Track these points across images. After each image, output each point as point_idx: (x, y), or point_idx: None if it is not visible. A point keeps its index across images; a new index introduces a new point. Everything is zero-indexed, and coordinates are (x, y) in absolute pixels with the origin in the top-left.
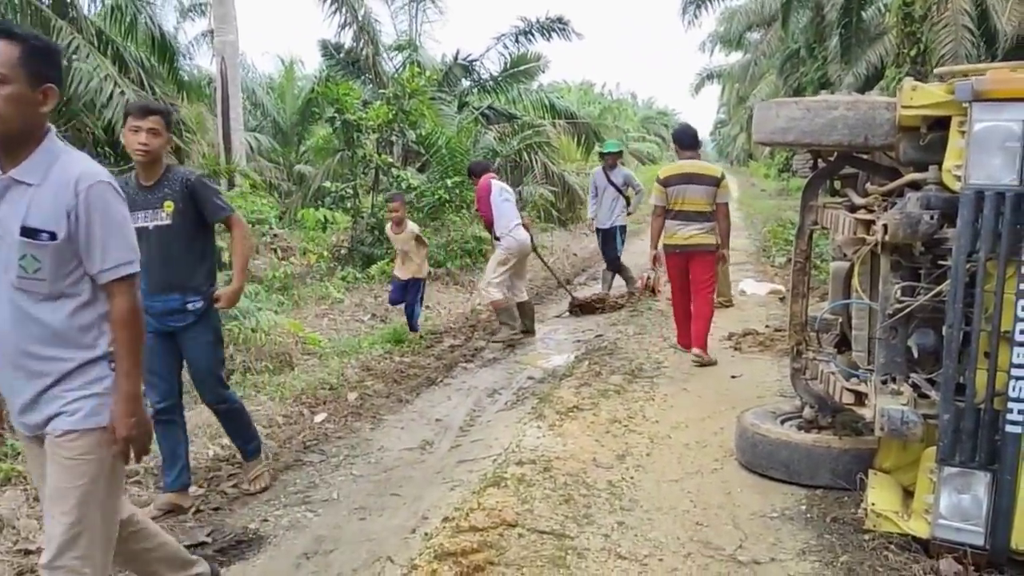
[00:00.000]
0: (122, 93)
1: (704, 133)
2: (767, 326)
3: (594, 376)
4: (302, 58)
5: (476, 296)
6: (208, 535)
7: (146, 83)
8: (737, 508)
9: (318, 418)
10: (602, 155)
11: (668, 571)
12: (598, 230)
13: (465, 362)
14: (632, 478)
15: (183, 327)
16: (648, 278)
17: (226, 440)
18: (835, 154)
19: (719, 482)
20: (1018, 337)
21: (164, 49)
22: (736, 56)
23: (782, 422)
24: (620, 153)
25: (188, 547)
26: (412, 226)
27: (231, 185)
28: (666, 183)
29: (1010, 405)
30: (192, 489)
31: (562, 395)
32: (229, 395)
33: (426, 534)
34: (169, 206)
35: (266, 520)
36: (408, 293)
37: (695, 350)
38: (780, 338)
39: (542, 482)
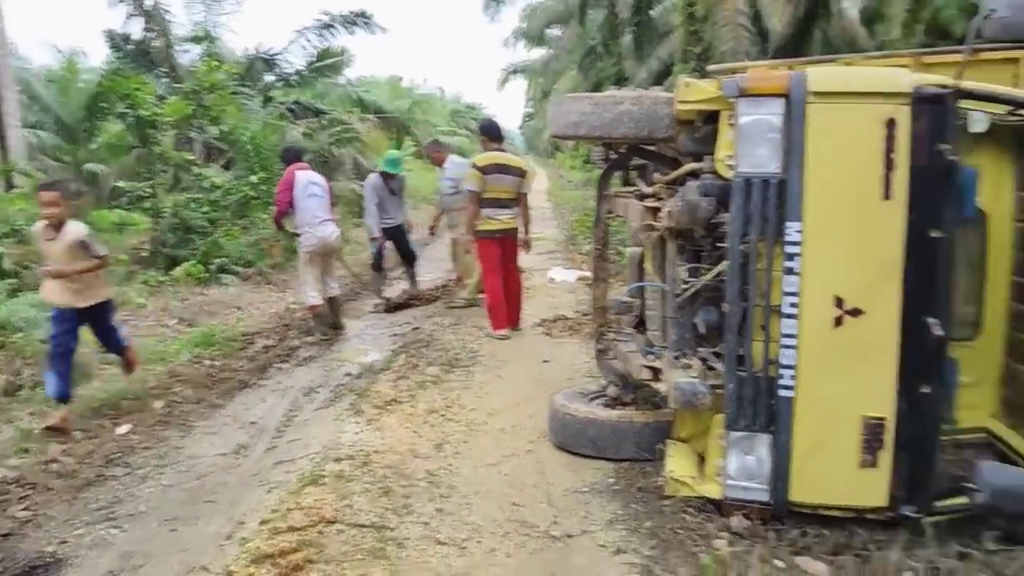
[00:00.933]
0: None
1: (513, 126)
2: (576, 311)
3: (411, 368)
4: (84, 49)
5: (290, 294)
6: None
7: None
8: (551, 486)
9: (121, 430)
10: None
11: (486, 552)
12: (385, 230)
13: (280, 362)
14: (450, 466)
15: None
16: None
17: (14, 460)
18: (624, 146)
19: (534, 463)
20: (786, 310)
21: None
22: (539, 52)
23: (590, 401)
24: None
25: None
26: (76, 228)
27: (9, 186)
28: (484, 171)
29: (781, 371)
30: None
31: (380, 389)
32: None
33: (243, 539)
34: None
35: (65, 542)
36: (96, 325)
37: (505, 331)
38: (588, 322)
39: (361, 477)
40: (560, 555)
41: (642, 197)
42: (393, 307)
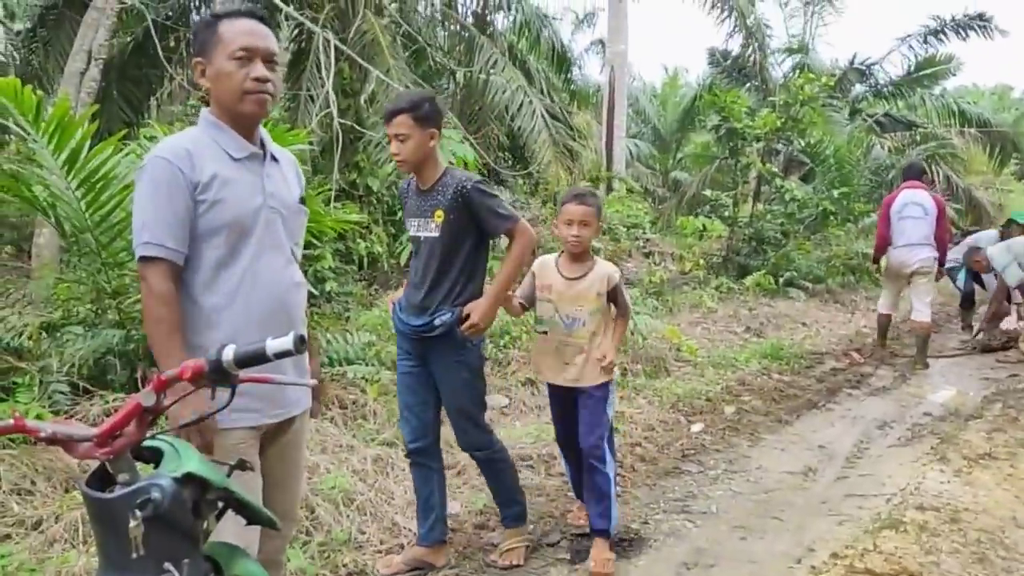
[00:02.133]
0: (531, 102)
1: None
2: None
3: (1010, 421)
4: (686, 67)
5: (860, 316)
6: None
7: (547, 93)
8: None
9: (695, 428)
10: (1010, 222)
11: None
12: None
13: (850, 388)
14: None
15: (432, 349)
16: None
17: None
18: None
19: None
20: None
21: (562, 61)
22: None
23: None
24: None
25: (575, 536)
26: (604, 267)
27: (609, 190)
28: None
29: None
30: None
31: (969, 438)
32: (488, 440)
33: (813, 567)
34: (439, 215)
35: (647, 523)
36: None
37: None
38: None
39: (949, 534)
40: None
41: None
42: (986, 348)
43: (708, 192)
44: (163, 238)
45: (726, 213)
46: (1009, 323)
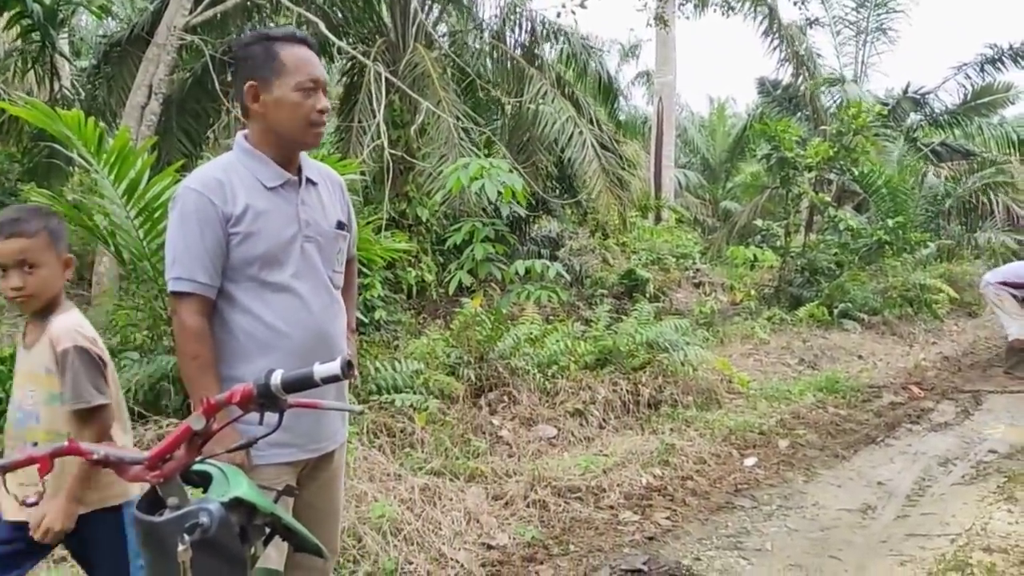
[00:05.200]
0: (580, 132)
1: None
2: None
3: None
4: (734, 96)
5: (919, 349)
6: (644, 563)
7: (595, 122)
8: None
9: (748, 462)
10: None
11: None
12: None
13: (910, 423)
14: None
15: None
16: None
17: (657, 470)
18: None
19: None
20: None
21: (608, 92)
22: None
23: None
24: None
25: (624, 571)
26: (62, 322)
27: (658, 219)
28: None
29: None
30: (627, 514)
31: None
32: None
33: None
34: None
35: (699, 559)
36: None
37: None
38: None
39: (1017, 575)
40: None
41: None
42: None
43: (759, 222)
44: (194, 272)
45: (778, 243)
46: None
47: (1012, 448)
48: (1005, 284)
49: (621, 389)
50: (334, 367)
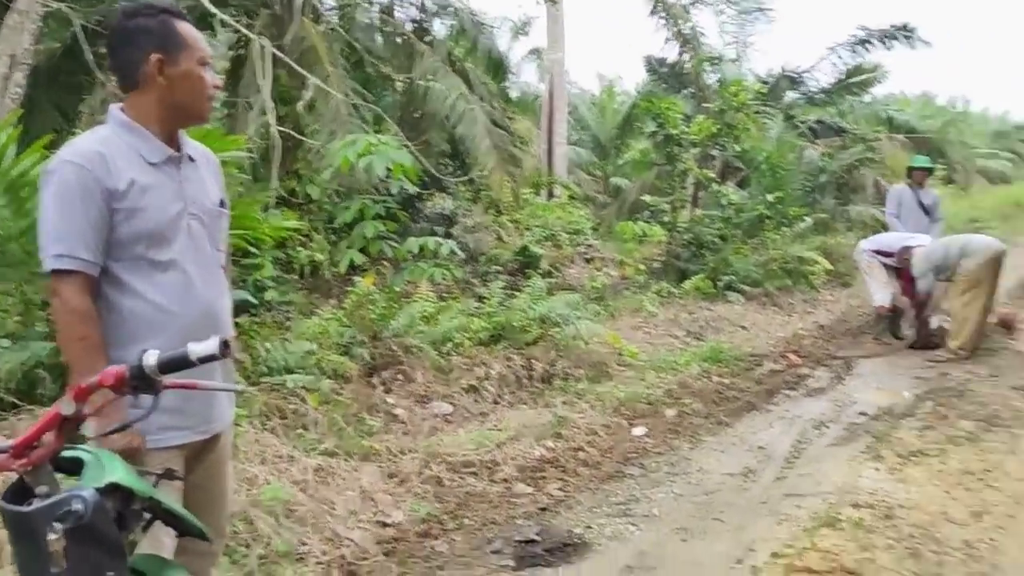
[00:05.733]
0: (472, 109)
1: None
2: None
3: (940, 419)
4: (621, 75)
5: (797, 318)
6: (537, 533)
7: (487, 99)
8: None
9: (637, 431)
10: (910, 170)
11: None
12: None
13: (788, 389)
14: (992, 540)
15: None
16: (1006, 313)
17: (550, 442)
18: None
19: None
20: None
21: (499, 68)
22: None
23: None
24: (931, 170)
25: (518, 542)
26: None
27: (550, 196)
28: None
29: None
30: (520, 487)
31: (902, 436)
32: None
33: (754, 567)
34: None
35: (590, 527)
36: None
37: None
38: None
39: (883, 530)
40: None
41: None
42: (923, 344)
43: (647, 198)
44: (76, 249)
45: (665, 218)
46: (934, 323)
47: (879, 410)
48: (878, 252)
49: (515, 364)
50: (211, 346)
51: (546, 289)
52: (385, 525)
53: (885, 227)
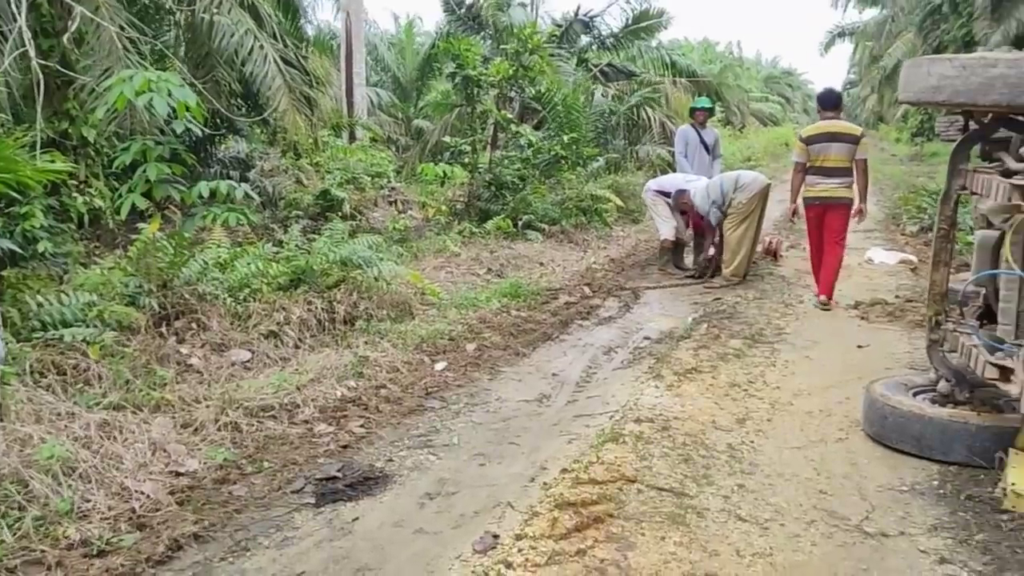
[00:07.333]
0: (261, 47)
1: None
2: (897, 296)
3: (713, 339)
4: (421, 15)
5: (591, 254)
6: (339, 470)
7: (279, 37)
8: (863, 479)
9: (438, 366)
10: (692, 111)
11: (790, 536)
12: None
13: (581, 319)
14: (752, 442)
15: None
16: (770, 242)
17: (351, 382)
18: (989, 115)
19: (844, 452)
20: None
21: (289, 5)
22: (871, 13)
23: (914, 395)
24: (712, 111)
25: (319, 480)
26: None
27: (352, 138)
28: (808, 141)
29: None
30: (322, 427)
31: (680, 356)
32: None
33: (545, 483)
34: None
35: (391, 460)
36: None
37: (821, 297)
38: (911, 309)
39: (660, 440)
40: (873, 553)
41: (1008, 174)
42: (703, 274)
43: (448, 139)
44: None
45: (466, 160)
46: (707, 253)
47: (662, 334)
48: (660, 192)
49: (316, 308)
50: None
51: (348, 232)
52: (179, 475)
53: (672, 166)
